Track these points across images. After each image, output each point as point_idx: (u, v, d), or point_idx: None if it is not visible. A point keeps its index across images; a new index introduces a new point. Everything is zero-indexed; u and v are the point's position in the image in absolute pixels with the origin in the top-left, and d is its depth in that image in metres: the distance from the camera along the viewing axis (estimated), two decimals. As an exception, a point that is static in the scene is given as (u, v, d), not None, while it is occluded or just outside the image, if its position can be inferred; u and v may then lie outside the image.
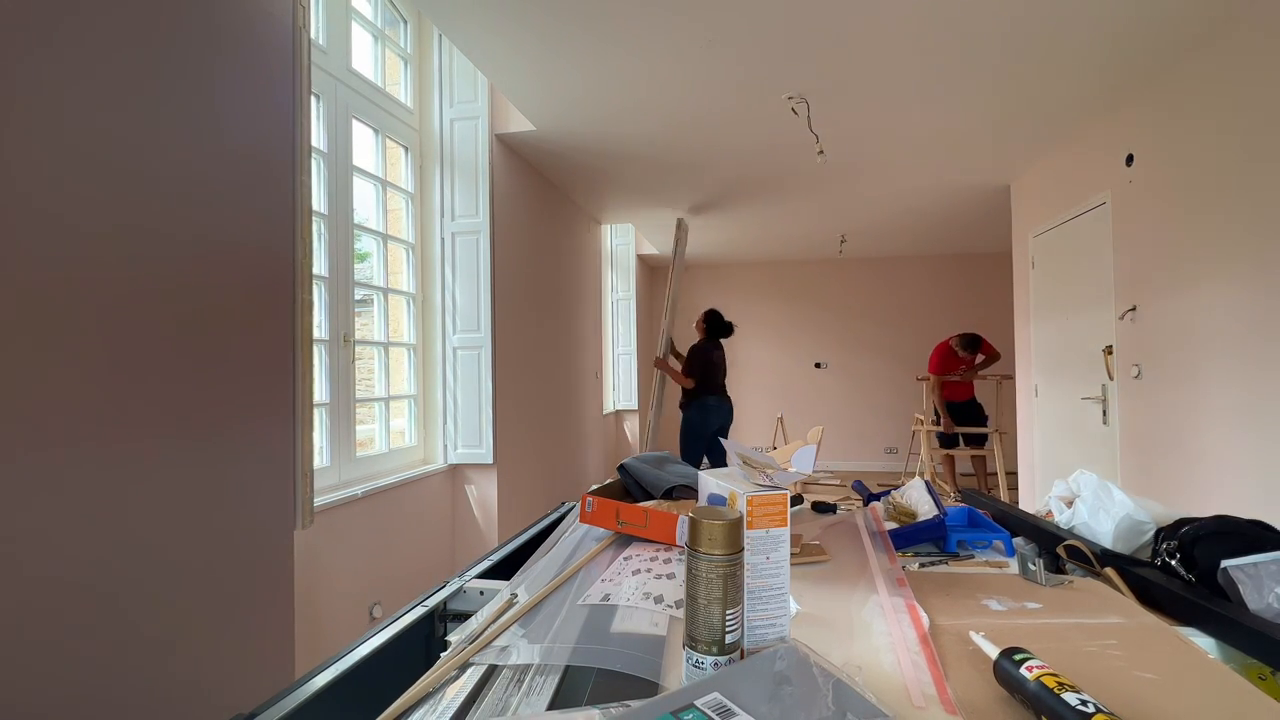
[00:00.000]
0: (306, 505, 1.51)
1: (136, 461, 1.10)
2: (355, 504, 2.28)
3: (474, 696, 0.58)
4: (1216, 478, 2.30)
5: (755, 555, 0.58)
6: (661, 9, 2.08)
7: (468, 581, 0.89)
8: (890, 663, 0.60)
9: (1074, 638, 0.64)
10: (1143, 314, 2.72)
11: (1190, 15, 2.14)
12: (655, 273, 7.48)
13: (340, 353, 2.33)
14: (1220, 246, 2.27)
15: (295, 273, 1.49)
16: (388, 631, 0.73)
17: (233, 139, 1.32)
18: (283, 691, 0.60)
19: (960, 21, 2.16)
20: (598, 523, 0.95)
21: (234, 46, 1.32)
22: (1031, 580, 0.81)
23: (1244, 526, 0.80)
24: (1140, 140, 2.71)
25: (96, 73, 1.05)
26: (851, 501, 1.63)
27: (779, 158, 3.54)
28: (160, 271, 1.16)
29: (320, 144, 2.25)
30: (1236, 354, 2.21)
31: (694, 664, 0.54)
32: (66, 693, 0.99)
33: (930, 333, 6.85)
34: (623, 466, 1.27)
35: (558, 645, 0.65)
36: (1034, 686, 0.49)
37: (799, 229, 5.44)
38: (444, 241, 2.99)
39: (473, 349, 3.01)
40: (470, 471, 3.06)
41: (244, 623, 1.32)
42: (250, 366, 1.36)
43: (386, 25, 2.78)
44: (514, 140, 3.23)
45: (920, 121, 3.04)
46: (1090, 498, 0.98)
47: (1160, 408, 2.61)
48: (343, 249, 2.35)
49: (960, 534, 0.99)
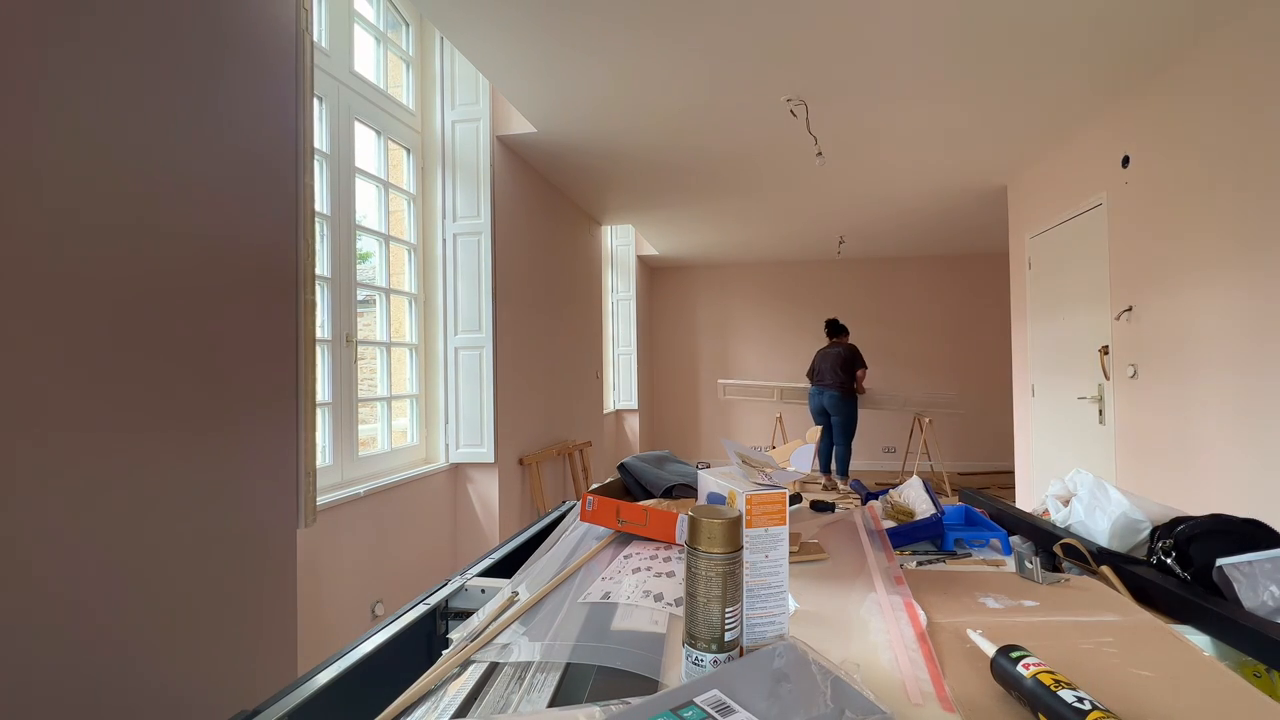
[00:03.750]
0: (309, 504, 1.51)
1: (139, 460, 1.11)
2: (357, 503, 2.28)
3: (475, 694, 0.58)
4: (1212, 476, 2.30)
5: (754, 553, 0.58)
6: (661, 12, 2.09)
7: (469, 579, 0.89)
8: (888, 660, 0.60)
9: (1070, 635, 0.65)
10: (1138, 314, 2.72)
11: (1187, 16, 2.14)
12: (655, 273, 7.49)
13: (343, 353, 2.33)
14: (1216, 247, 2.28)
15: (298, 273, 1.50)
16: (390, 629, 0.74)
17: (236, 141, 1.32)
18: (286, 688, 0.61)
19: (958, 23, 2.16)
20: (598, 521, 0.96)
21: (237, 49, 1.33)
22: (1028, 578, 0.82)
23: (1239, 525, 0.81)
24: (1136, 142, 2.72)
25: (99, 73, 1.06)
26: (850, 500, 1.64)
27: (778, 159, 3.55)
28: (165, 272, 1.16)
29: (323, 146, 2.25)
30: (1232, 354, 2.21)
31: (693, 661, 0.54)
32: (69, 691, 0.99)
33: (928, 333, 6.87)
34: (623, 465, 1.28)
35: (558, 643, 0.65)
36: (1031, 684, 0.50)
37: (798, 230, 5.44)
38: (445, 242, 2.99)
39: (474, 349, 3.01)
40: (471, 470, 3.06)
41: (247, 620, 1.33)
42: (254, 366, 1.36)
43: (389, 28, 2.78)
44: (515, 142, 3.23)
45: (918, 123, 3.05)
46: (1086, 496, 0.99)
47: (1156, 407, 2.62)
48: (345, 250, 2.36)
49: (957, 532, 1.00)
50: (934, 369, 6.85)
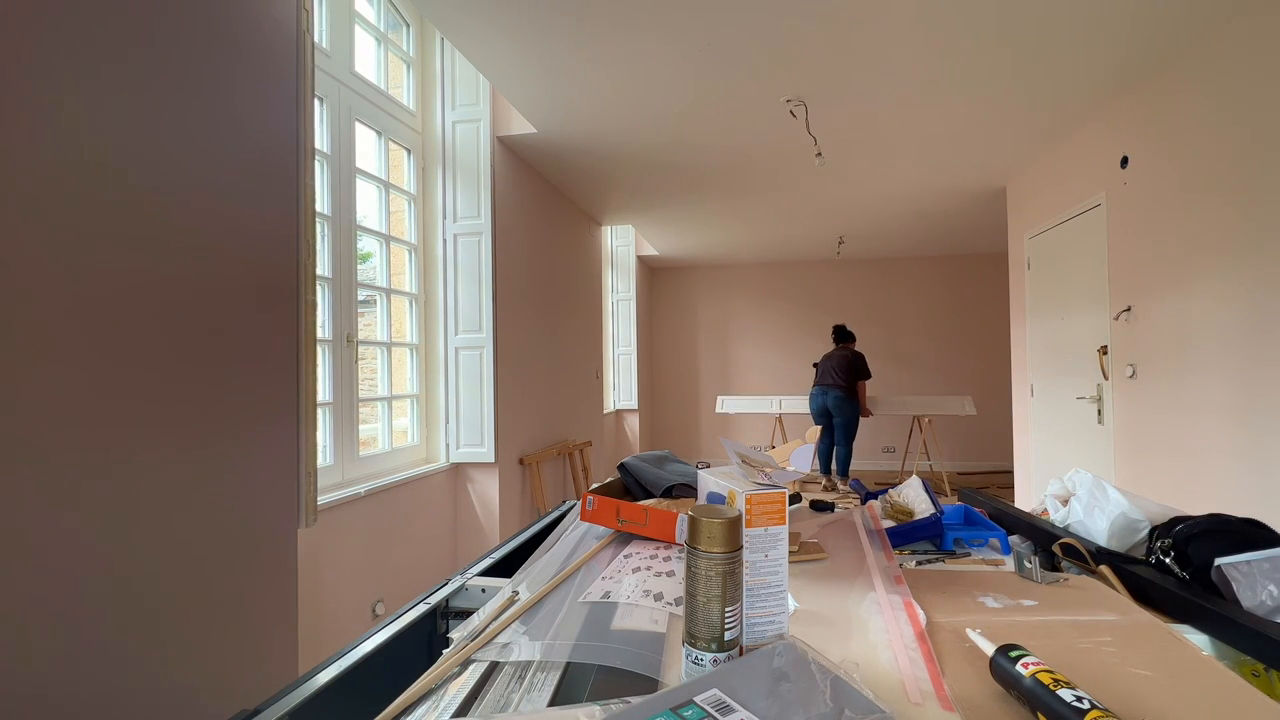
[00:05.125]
0: (310, 504, 1.51)
1: (141, 460, 1.11)
2: (358, 502, 2.29)
3: (475, 693, 0.58)
4: (1210, 476, 2.30)
5: (754, 553, 0.59)
6: (662, 13, 2.09)
7: (469, 579, 0.90)
8: (887, 659, 0.60)
9: (1069, 635, 0.65)
10: (1137, 314, 2.72)
11: (1185, 17, 2.15)
12: (655, 274, 7.49)
13: (343, 353, 2.34)
14: (1214, 247, 2.28)
15: (299, 274, 1.50)
16: (390, 628, 0.74)
17: (237, 141, 1.32)
18: (287, 688, 0.61)
19: (958, 24, 2.16)
20: (598, 521, 0.96)
21: (238, 50, 1.33)
22: (1027, 578, 0.82)
23: (1237, 525, 0.81)
24: (1135, 142, 2.72)
25: (99, 75, 1.06)
26: (849, 500, 1.64)
27: (778, 159, 3.55)
28: (166, 272, 1.17)
29: (323, 146, 2.26)
30: (1230, 353, 2.22)
31: (693, 661, 0.55)
32: (72, 689, 1.00)
33: (928, 333, 6.87)
34: (623, 465, 1.28)
35: (558, 642, 0.65)
36: (1030, 683, 0.50)
37: (797, 230, 5.45)
38: (446, 243, 3.00)
39: (474, 349, 3.01)
40: (472, 470, 3.06)
41: (248, 620, 1.33)
42: (255, 366, 1.36)
43: (389, 29, 2.78)
44: (515, 142, 3.24)
45: (917, 124, 3.05)
46: (1085, 496, 0.99)
47: (1155, 407, 2.62)
48: (346, 250, 2.36)
49: (957, 532, 1.00)
50: (933, 369, 6.85)
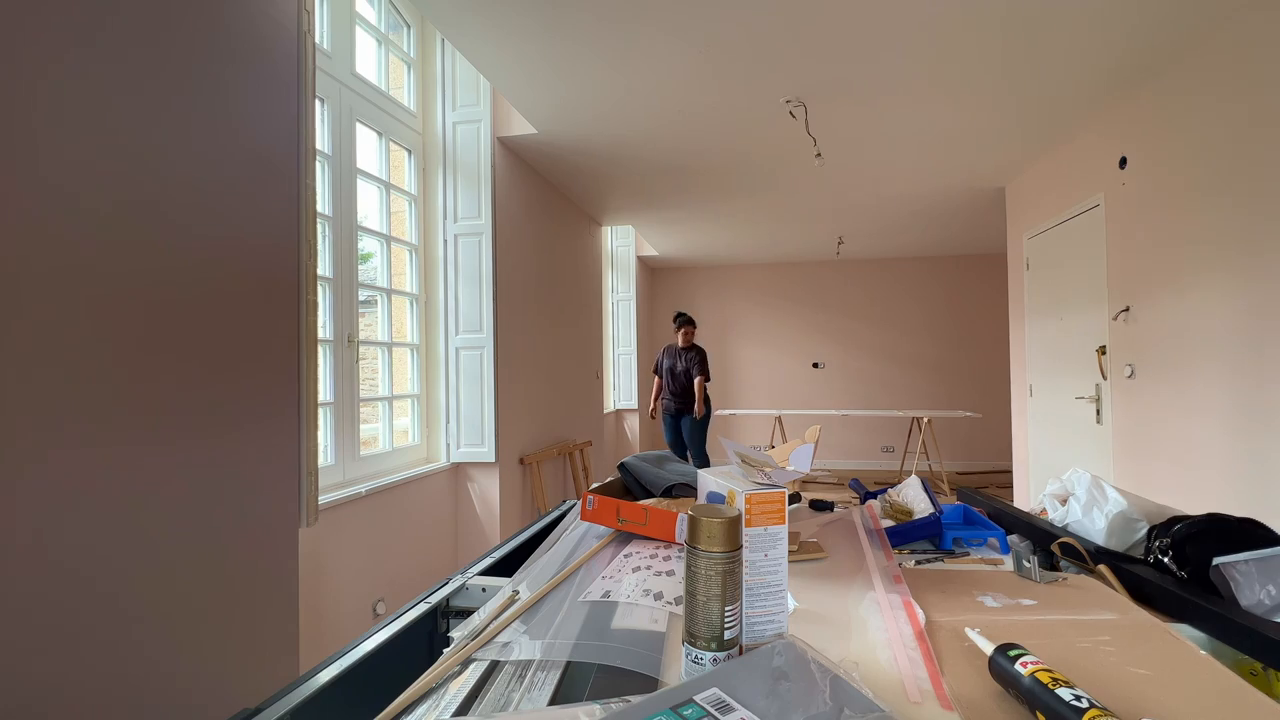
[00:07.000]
0: (311, 503, 1.52)
1: (143, 459, 1.12)
2: (359, 502, 2.29)
3: (476, 692, 0.58)
4: (1208, 476, 2.31)
5: (754, 552, 0.59)
6: (662, 14, 2.09)
7: (470, 578, 0.90)
8: (887, 658, 0.60)
9: (1068, 634, 0.65)
10: (1136, 314, 2.73)
11: (1184, 18, 2.15)
12: (655, 274, 7.49)
13: (344, 353, 2.34)
14: (1212, 247, 2.28)
15: (300, 274, 1.50)
16: (391, 628, 0.74)
17: (238, 142, 1.33)
18: (288, 687, 0.61)
19: (957, 25, 2.17)
20: (598, 520, 0.96)
21: (239, 51, 1.33)
22: (1026, 577, 0.82)
23: (1235, 524, 0.81)
24: (1134, 143, 2.72)
25: (100, 75, 1.06)
26: (848, 499, 1.65)
27: (777, 160, 3.55)
28: (167, 272, 1.17)
29: (324, 147, 2.26)
30: (1228, 353, 2.22)
31: (693, 660, 0.55)
32: (73, 688, 1.00)
33: (927, 333, 6.87)
34: (623, 465, 1.28)
35: (559, 641, 0.65)
36: (1029, 682, 0.50)
37: (797, 230, 5.45)
38: (446, 243, 3.00)
39: (475, 349, 3.02)
40: (472, 470, 3.07)
41: (249, 619, 1.33)
42: (256, 366, 1.37)
43: (390, 30, 2.79)
44: (515, 143, 3.24)
45: (917, 125, 3.05)
46: (1084, 495, 0.99)
47: (1153, 407, 2.62)
48: (347, 250, 2.36)
49: (956, 531, 1.00)
50: (932, 369, 6.85)
